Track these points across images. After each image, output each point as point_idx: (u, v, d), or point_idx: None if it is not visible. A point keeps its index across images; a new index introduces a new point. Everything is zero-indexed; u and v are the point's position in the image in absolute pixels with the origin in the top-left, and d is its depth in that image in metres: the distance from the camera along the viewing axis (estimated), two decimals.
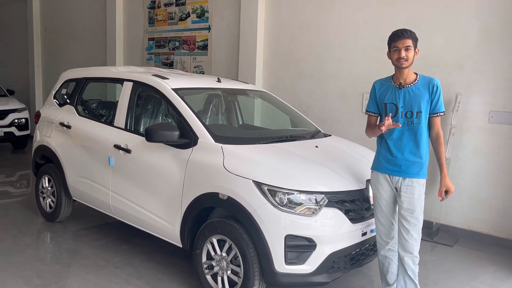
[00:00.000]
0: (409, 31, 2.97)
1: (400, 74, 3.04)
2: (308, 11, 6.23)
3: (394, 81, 3.09)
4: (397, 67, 3.03)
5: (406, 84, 3.02)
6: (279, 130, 4.56)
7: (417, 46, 3.01)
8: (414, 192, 2.97)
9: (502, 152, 4.73)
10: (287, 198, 2.97)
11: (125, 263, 3.94)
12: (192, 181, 3.35)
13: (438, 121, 3.06)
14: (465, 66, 4.89)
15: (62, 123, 4.68)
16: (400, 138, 3.02)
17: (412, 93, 3.00)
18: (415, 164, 2.99)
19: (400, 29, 2.99)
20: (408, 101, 3.00)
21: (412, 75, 3.05)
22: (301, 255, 2.96)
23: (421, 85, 3.01)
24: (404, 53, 2.94)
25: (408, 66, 2.99)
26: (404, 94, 3.01)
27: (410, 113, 2.98)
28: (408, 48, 2.94)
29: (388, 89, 3.09)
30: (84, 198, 4.50)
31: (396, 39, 2.97)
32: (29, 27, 11.65)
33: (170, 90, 3.78)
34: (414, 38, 2.99)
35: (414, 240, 3.01)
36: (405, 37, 2.94)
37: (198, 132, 3.45)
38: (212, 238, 3.24)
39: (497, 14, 4.68)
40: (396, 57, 2.97)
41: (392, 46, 3.00)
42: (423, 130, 3.01)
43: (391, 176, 3.04)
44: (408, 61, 2.96)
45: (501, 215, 4.79)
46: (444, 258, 4.46)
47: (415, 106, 2.97)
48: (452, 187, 3.05)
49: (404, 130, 3.02)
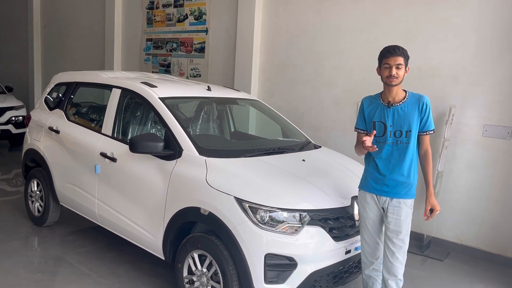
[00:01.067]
0: (401, 48, 2.89)
1: (389, 92, 2.97)
2: (306, 17, 6.16)
3: (383, 99, 3.01)
4: (386, 85, 2.95)
5: (395, 103, 2.95)
6: (268, 141, 4.51)
7: (408, 64, 2.94)
8: (401, 214, 2.91)
9: (495, 166, 4.67)
10: (268, 216, 2.92)
11: (109, 273, 3.90)
12: (175, 194, 3.31)
13: (427, 139, 3.00)
14: (461, 78, 4.82)
15: (51, 127, 4.64)
16: (388, 157, 2.95)
17: (401, 112, 2.93)
18: (403, 185, 2.92)
19: (392, 46, 2.91)
20: (397, 120, 2.93)
21: (401, 93, 2.98)
22: (281, 274, 2.91)
23: (411, 103, 2.94)
24: (395, 71, 2.86)
25: (398, 84, 2.91)
26: (393, 113, 2.94)
27: (399, 132, 2.92)
28: (399, 66, 2.87)
29: (377, 107, 3.02)
30: (71, 204, 4.46)
31: (388, 56, 2.88)
32: (29, 24, 11.64)
33: (156, 99, 3.73)
34: (406, 55, 2.91)
35: (399, 262, 2.95)
36: (397, 55, 2.86)
37: (182, 144, 3.40)
38: (193, 252, 3.20)
39: (494, 27, 4.61)
40: (387, 74, 2.89)
41: (383, 63, 2.92)
42: (412, 149, 2.95)
43: (378, 196, 2.98)
44: (398, 79, 2.89)
45: (493, 230, 4.73)
46: (433, 273, 4.40)
47: (405, 125, 2.91)
48: (437, 206, 2.99)
49: (393, 150, 2.95)
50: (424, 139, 2.98)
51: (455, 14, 4.82)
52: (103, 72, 4.60)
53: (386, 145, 2.96)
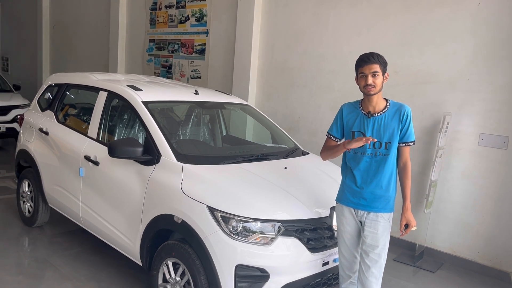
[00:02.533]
0: (377, 55, 2.77)
1: (369, 101, 2.86)
2: (304, 20, 6.08)
3: (363, 108, 2.89)
4: (365, 94, 2.86)
5: (375, 113, 2.84)
6: (255, 147, 4.45)
7: (386, 71, 2.82)
8: (378, 228, 2.81)
9: (491, 176, 4.52)
10: (241, 226, 2.86)
11: (90, 277, 3.89)
12: (151, 200, 3.27)
13: (407, 151, 2.89)
14: (458, 85, 4.69)
15: (41, 128, 4.66)
16: (367, 169, 2.84)
17: (381, 122, 2.81)
18: (381, 198, 2.82)
19: (367, 53, 2.79)
20: (377, 131, 2.81)
21: (381, 102, 2.87)
22: (252, 285, 2.85)
23: (391, 113, 2.82)
24: (371, 79, 2.74)
25: (377, 92, 2.80)
26: (373, 123, 2.82)
27: (378, 143, 2.80)
28: (376, 74, 2.75)
29: (356, 116, 2.91)
30: (58, 206, 4.47)
31: (362, 65, 2.77)
32: (39, 23, 11.80)
33: (139, 102, 3.70)
34: (382, 62, 2.78)
35: (374, 277, 2.85)
36: (372, 62, 2.74)
37: (161, 149, 3.36)
38: (168, 260, 3.16)
39: (492, 33, 4.47)
40: (364, 83, 2.78)
41: (359, 72, 2.81)
42: (391, 161, 2.84)
43: (356, 209, 2.88)
44: (376, 88, 2.77)
45: (487, 242, 4.59)
46: (424, 285, 4.29)
47: (385, 137, 2.80)
48: (413, 221, 2.88)
49: (371, 161, 2.84)
50: (404, 150, 2.87)
51: (453, 19, 4.69)
52: (93, 74, 4.59)
53: (365, 157, 2.85)
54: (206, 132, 4.62)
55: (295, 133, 6.07)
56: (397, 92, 5.10)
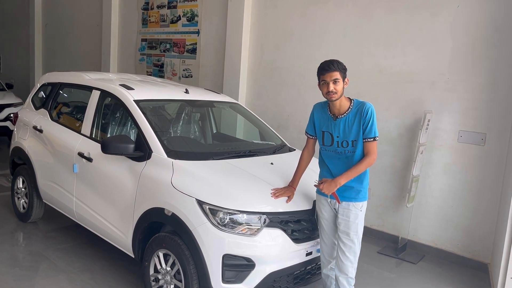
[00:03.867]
0: (336, 63, 2.94)
1: (332, 106, 3.06)
2: (292, 21, 6.25)
3: (330, 110, 3.11)
4: (327, 100, 3.04)
5: (340, 115, 3.04)
6: (243, 144, 4.61)
7: (346, 77, 2.99)
8: (350, 215, 3.01)
9: (470, 172, 4.73)
10: (228, 218, 3.02)
11: (84, 269, 4.03)
12: (143, 195, 3.42)
13: (370, 146, 2.99)
14: (437, 84, 4.89)
15: (35, 126, 4.79)
16: (339, 164, 3.07)
17: (346, 123, 3.02)
18: (352, 190, 3.03)
19: (327, 61, 2.96)
20: (343, 131, 3.03)
21: (345, 104, 3.05)
22: (239, 274, 3.01)
23: (354, 113, 3.02)
24: (332, 86, 2.93)
25: (338, 98, 2.99)
26: (338, 125, 3.03)
27: (345, 142, 3.01)
28: (336, 81, 2.93)
29: (325, 118, 3.14)
30: (52, 201, 4.60)
31: (323, 73, 2.96)
32: (31, 22, 11.84)
33: (131, 101, 3.84)
34: (342, 69, 2.96)
35: (349, 261, 3.05)
36: (332, 70, 2.92)
37: (152, 146, 3.51)
38: (158, 251, 3.31)
39: (471, 34, 4.66)
40: (326, 90, 2.97)
41: (321, 80, 3.01)
42: (359, 156, 3.03)
43: (331, 198, 3.08)
44: (337, 94, 2.96)
45: (466, 235, 4.79)
46: (404, 276, 4.48)
47: (350, 135, 3.00)
48: (333, 188, 2.95)
49: (342, 157, 3.07)
50: (366, 146, 2.99)
51: (433, 21, 4.88)
52: (86, 73, 4.72)
53: (336, 154, 3.09)
54: (196, 129, 4.77)
55: (284, 131, 6.25)
56: (381, 90, 5.31)
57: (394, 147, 5.23)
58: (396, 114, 5.20)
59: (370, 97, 4.98)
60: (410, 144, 5.08)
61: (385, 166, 5.28)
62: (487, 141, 4.61)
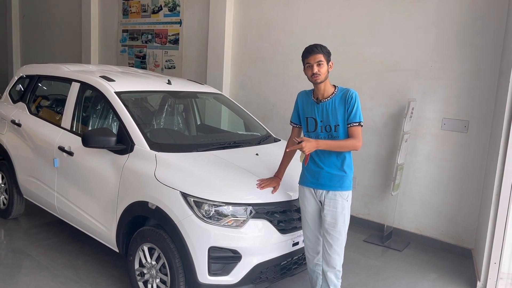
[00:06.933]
0: (320, 46, 2.96)
1: (317, 89, 3.05)
2: (275, 10, 6.19)
3: (314, 96, 3.10)
4: (313, 83, 3.03)
5: (323, 99, 3.03)
6: (228, 135, 4.56)
7: (330, 60, 3.00)
8: (337, 206, 2.99)
9: (453, 159, 4.77)
10: (213, 210, 2.98)
11: (68, 265, 3.96)
12: (126, 188, 3.36)
13: (354, 131, 2.95)
14: (421, 72, 4.90)
15: (13, 120, 4.66)
16: (322, 150, 3.01)
17: (329, 107, 3.01)
18: (337, 177, 3.00)
19: (311, 45, 2.98)
20: (326, 116, 3.01)
21: (329, 89, 3.04)
22: (225, 266, 2.99)
23: (338, 98, 3.01)
24: (316, 68, 2.93)
25: (323, 80, 2.98)
26: (321, 109, 3.02)
27: (328, 127, 3.00)
28: (320, 63, 2.93)
29: (309, 104, 3.11)
30: (33, 197, 4.50)
31: (307, 56, 2.97)
32: (8, 13, 11.51)
33: (112, 93, 3.76)
34: (326, 52, 2.97)
35: (337, 254, 3.04)
36: (316, 53, 2.94)
37: (135, 139, 3.45)
38: (143, 245, 3.26)
39: (453, 23, 4.67)
40: (310, 73, 2.97)
41: (305, 63, 3.01)
42: None
43: (315, 189, 3.06)
44: (321, 76, 2.95)
45: (449, 221, 4.85)
46: (390, 263, 4.51)
47: (333, 120, 2.99)
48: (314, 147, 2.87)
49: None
50: (351, 131, 2.96)
51: (416, 9, 4.88)
52: (64, 65, 4.60)
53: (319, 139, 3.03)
54: (180, 121, 4.70)
55: (269, 121, 6.21)
56: (365, 79, 5.30)
57: (379, 136, 5.24)
58: (380, 103, 5.21)
59: (354, 86, 4.96)
60: (395, 132, 5.10)
61: (370, 155, 5.30)
62: (470, 129, 4.65)
